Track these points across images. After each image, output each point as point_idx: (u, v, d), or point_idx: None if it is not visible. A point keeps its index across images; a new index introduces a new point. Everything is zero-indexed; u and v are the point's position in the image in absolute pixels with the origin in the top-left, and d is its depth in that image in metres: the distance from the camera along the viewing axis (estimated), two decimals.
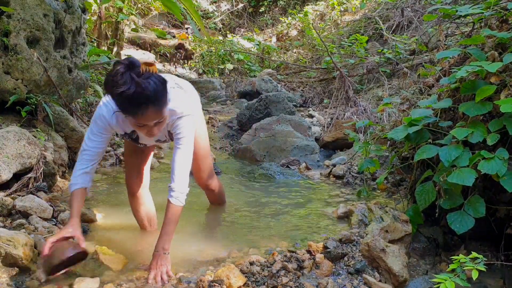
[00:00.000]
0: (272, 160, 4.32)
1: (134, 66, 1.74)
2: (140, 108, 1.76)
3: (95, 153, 2.02)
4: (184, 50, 9.41)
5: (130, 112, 1.79)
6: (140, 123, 1.84)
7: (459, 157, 2.17)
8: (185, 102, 2.06)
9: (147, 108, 1.77)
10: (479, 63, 2.31)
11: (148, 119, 1.81)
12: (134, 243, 2.33)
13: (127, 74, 1.71)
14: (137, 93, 1.72)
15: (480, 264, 1.73)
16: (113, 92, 1.74)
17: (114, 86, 1.71)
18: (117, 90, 1.71)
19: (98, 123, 1.99)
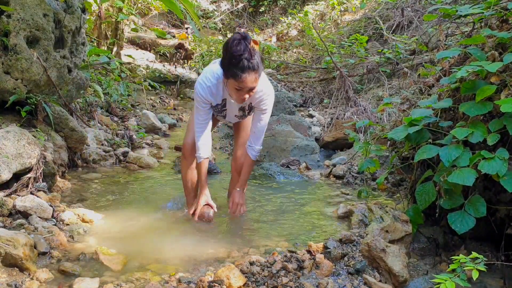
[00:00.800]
0: (272, 160, 4.32)
1: (247, 38, 2.20)
2: (245, 71, 2.18)
3: (206, 123, 2.53)
4: (184, 50, 9.41)
5: (235, 74, 2.20)
6: (239, 86, 2.24)
7: (459, 157, 2.17)
8: (270, 85, 2.53)
9: (250, 73, 2.20)
10: (479, 63, 2.31)
11: (247, 82, 2.22)
12: (134, 243, 2.33)
13: (243, 43, 2.16)
14: (246, 58, 2.16)
15: (481, 264, 1.72)
16: (228, 53, 2.17)
17: (230, 49, 2.16)
18: (231, 54, 2.15)
19: (198, 100, 2.44)
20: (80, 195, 3.02)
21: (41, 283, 1.85)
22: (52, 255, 2.08)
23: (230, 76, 2.24)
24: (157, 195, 3.18)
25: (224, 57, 2.25)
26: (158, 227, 2.58)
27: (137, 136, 4.74)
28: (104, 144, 4.22)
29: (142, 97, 6.75)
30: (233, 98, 2.41)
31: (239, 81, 2.22)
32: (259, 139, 2.65)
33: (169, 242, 2.37)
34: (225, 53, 2.23)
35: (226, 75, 2.28)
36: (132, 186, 3.37)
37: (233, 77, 2.23)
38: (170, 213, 2.85)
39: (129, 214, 2.76)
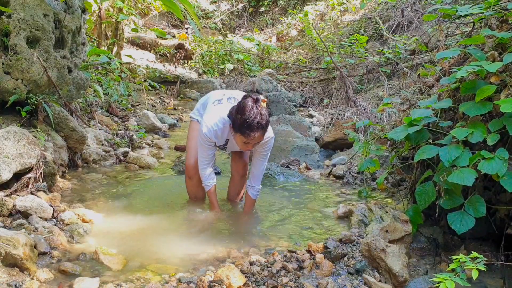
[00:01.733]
0: (272, 160, 4.32)
1: (258, 101, 2.42)
2: (253, 130, 2.40)
3: (211, 157, 2.74)
4: (184, 50, 9.41)
5: (245, 133, 2.41)
6: (246, 141, 2.46)
7: (459, 157, 2.17)
8: (271, 129, 2.67)
9: (258, 132, 2.42)
10: (479, 63, 2.31)
11: (255, 140, 2.46)
12: (134, 243, 2.33)
13: (255, 108, 2.39)
14: (257, 122, 2.39)
15: (480, 264, 1.72)
16: (240, 118, 2.38)
17: (243, 115, 2.38)
18: (245, 119, 2.37)
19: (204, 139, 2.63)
20: (80, 195, 3.02)
21: (41, 283, 1.85)
22: (52, 255, 2.08)
23: (240, 132, 2.45)
24: (157, 195, 3.18)
25: (236, 116, 2.43)
26: (159, 227, 2.58)
27: (137, 136, 4.74)
28: (104, 144, 4.22)
29: (142, 97, 6.75)
30: (238, 146, 2.62)
31: (248, 138, 2.45)
32: (259, 179, 2.82)
33: (169, 242, 2.37)
34: (238, 114, 2.42)
35: (235, 130, 2.48)
36: (132, 186, 3.37)
37: (242, 134, 2.44)
38: (170, 213, 2.85)
39: (129, 214, 2.76)
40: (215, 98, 2.79)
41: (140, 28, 9.18)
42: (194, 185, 2.94)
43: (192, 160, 2.85)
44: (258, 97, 2.47)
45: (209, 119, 2.65)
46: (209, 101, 2.81)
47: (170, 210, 2.89)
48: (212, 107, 2.72)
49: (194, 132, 2.88)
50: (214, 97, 2.81)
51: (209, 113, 2.70)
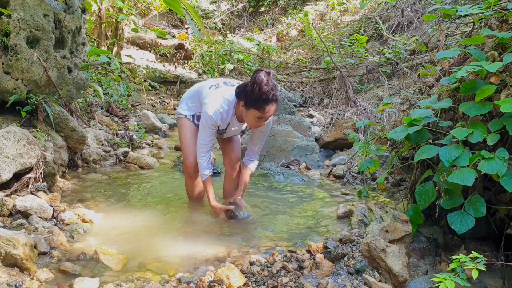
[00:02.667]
0: (272, 160, 4.32)
1: (271, 74, 2.46)
2: (269, 104, 2.44)
3: (211, 144, 2.69)
4: (184, 50, 9.40)
5: (260, 107, 2.45)
6: (261, 116, 2.49)
7: (459, 157, 2.17)
8: None
9: (273, 104, 2.46)
10: (479, 63, 2.31)
11: (269, 113, 2.50)
12: (134, 243, 2.33)
13: (270, 80, 2.42)
14: (273, 95, 2.43)
15: (480, 264, 1.72)
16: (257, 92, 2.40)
17: (260, 88, 2.40)
18: (262, 92, 2.40)
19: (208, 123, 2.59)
20: (80, 195, 3.02)
21: (41, 283, 1.85)
22: (52, 255, 2.08)
23: (255, 107, 2.48)
24: (157, 195, 3.18)
25: (250, 90, 2.45)
26: (158, 227, 2.58)
27: (137, 136, 4.74)
28: (104, 144, 4.22)
29: (142, 97, 6.75)
30: (249, 124, 2.64)
31: (262, 112, 2.48)
32: (259, 154, 2.92)
33: (169, 242, 2.37)
34: (252, 88, 2.44)
35: (249, 106, 2.50)
36: (132, 186, 3.37)
37: (257, 109, 2.47)
38: (170, 212, 2.85)
39: (129, 214, 2.76)
40: (210, 84, 2.74)
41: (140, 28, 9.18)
42: (194, 184, 2.94)
43: (191, 159, 2.82)
44: (270, 70, 2.49)
45: (213, 101, 2.60)
46: (203, 88, 2.74)
47: (170, 210, 2.89)
48: (212, 92, 2.67)
49: (185, 129, 2.85)
50: (208, 84, 2.76)
51: (210, 96, 2.64)
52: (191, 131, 2.84)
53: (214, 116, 2.58)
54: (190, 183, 2.95)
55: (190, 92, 2.91)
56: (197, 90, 2.83)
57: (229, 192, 3.05)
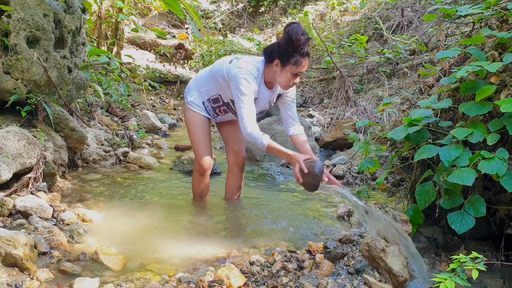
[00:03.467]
0: (272, 160, 4.32)
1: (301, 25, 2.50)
2: (304, 57, 2.47)
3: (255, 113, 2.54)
4: (184, 50, 9.41)
5: (298, 61, 2.46)
6: (298, 71, 2.50)
7: (459, 157, 2.17)
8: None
9: (308, 59, 2.49)
10: (479, 63, 2.31)
11: (305, 67, 2.51)
12: (134, 243, 2.33)
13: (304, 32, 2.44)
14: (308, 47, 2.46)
15: (480, 264, 1.72)
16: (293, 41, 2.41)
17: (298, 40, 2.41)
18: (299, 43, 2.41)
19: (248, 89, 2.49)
20: (80, 195, 3.02)
21: (41, 283, 1.85)
22: (52, 255, 2.08)
23: (293, 62, 2.47)
24: (157, 195, 3.18)
25: (284, 45, 2.46)
26: (159, 227, 2.58)
27: (137, 136, 4.74)
28: (104, 144, 4.22)
29: (142, 97, 6.75)
30: (283, 84, 2.57)
31: (299, 66, 2.48)
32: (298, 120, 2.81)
33: (169, 242, 2.38)
34: (288, 41, 2.44)
35: (286, 62, 2.48)
36: (132, 186, 3.37)
37: (295, 63, 2.47)
38: (170, 212, 2.85)
39: (129, 214, 2.76)
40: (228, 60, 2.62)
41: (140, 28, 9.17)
42: (203, 182, 2.88)
43: (204, 155, 2.73)
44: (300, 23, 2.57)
45: (245, 67, 2.51)
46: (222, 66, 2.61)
47: (170, 210, 2.89)
48: (237, 62, 2.55)
49: (196, 125, 2.74)
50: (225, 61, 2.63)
51: (237, 66, 2.52)
52: (203, 127, 2.75)
53: (252, 82, 2.50)
54: (199, 181, 2.87)
55: (200, 77, 2.78)
56: (211, 72, 2.71)
57: (232, 191, 3.00)
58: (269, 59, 2.55)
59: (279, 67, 2.51)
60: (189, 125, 2.80)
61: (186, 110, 2.82)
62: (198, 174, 2.85)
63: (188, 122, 2.81)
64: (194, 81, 2.83)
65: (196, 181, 2.90)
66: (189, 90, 2.80)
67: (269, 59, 2.55)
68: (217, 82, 2.65)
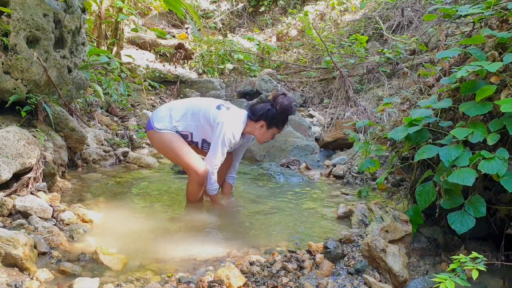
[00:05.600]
0: (272, 160, 4.32)
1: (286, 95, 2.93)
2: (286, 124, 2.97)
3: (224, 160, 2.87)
4: (184, 50, 9.39)
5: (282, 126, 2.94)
6: (279, 132, 2.98)
7: (459, 157, 2.17)
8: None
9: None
10: (479, 63, 2.31)
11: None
12: (134, 243, 2.32)
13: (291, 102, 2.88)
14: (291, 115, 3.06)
15: (480, 264, 1.72)
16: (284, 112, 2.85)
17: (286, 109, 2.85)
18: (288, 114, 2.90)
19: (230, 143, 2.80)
20: (80, 195, 3.02)
21: (41, 283, 1.85)
22: (52, 255, 2.08)
23: (278, 126, 2.91)
24: (157, 195, 3.18)
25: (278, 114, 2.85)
26: (158, 227, 2.58)
27: (137, 136, 4.74)
28: (104, 144, 4.22)
29: (142, 97, 6.75)
30: (262, 140, 2.96)
31: (280, 130, 2.97)
32: (236, 169, 3.22)
33: (169, 242, 2.37)
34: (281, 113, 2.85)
35: (271, 126, 2.89)
36: (132, 186, 3.37)
37: (279, 128, 2.93)
38: (170, 212, 2.85)
39: (129, 214, 2.76)
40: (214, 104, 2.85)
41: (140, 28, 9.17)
42: (201, 191, 2.93)
43: (203, 167, 2.81)
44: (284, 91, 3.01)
45: (233, 122, 2.80)
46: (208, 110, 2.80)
47: (170, 210, 2.89)
48: (227, 112, 2.82)
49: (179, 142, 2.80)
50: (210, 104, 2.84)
51: (227, 117, 2.78)
52: (183, 141, 2.83)
53: (237, 137, 2.81)
54: (199, 190, 2.92)
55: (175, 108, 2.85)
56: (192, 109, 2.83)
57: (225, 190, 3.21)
58: (255, 118, 2.88)
59: (264, 128, 2.90)
60: (167, 146, 2.81)
61: (157, 136, 2.81)
62: (199, 185, 2.87)
63: (164, 144, 2.82)
64: (168, 110, 2.84)
65: (197, 192, 2.92)
66: (158, 119, 2.82)
67: (255, 118, 2.88)
68: (196, 121, 2.81)
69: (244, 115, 2.91)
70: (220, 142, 2.75)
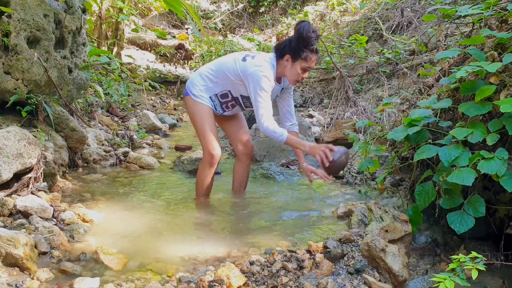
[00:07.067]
0: (272, 160, 4.32)
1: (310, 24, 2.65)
2: (313, 53, 2.63)
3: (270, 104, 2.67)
4: (184, 50, 9.41)
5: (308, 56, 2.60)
6: (307, 66, 2.64)
7: (458, 157, 2.17)
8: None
9: (316, 54, 2.65)
10: (478, 63, 2.32)
11: (313, 62, 2.66)
12: (134, 243, 2.33)
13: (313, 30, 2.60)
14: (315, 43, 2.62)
15: (480, 264, 1.73)
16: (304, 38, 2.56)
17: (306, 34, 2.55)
18: (310, 40, 2.57)
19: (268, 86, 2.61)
20: (80, 195, 3.03)
21: (41, 283, 1.85)
22: (53, 255, 2.09)
23: (303, 57, 2.61)
24: (157, 195, 3.19)
25: (295, 41, 2.60)
26: (159, 227, 2.58)
27: (138, 136, 4.74)
28: (105, 144, 4.22)
29: (143, 97, 6.76)
30: (293, 78, 2.69)
31: (309, 61, 2.63)
32: (294, 115, 3.00)
33: (169, 242, 2.38)
34: (299, 38, 2.58)
35: (296, 57, 2.61)
36: (133, 186, 3.38)
37: (305, 59, 2.61)
38: (171, 212, 2.85)
39: (130, 214, 2.77)
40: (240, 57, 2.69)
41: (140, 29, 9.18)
42: (211, 175, 2.86)
43: (216, 144, 2.74)
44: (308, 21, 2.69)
45: (263, 65, 2.61)
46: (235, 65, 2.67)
47: (170, 210, 2.90)
48: (252, 60, 2.64)
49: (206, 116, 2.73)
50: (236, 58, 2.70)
51: (254, 65, 2.61)
52: (212, 119, 2.75)
53: (270, 78, 2.61)
54: (208, 172, 2.82)
55: (206, 72, 2.77)
56: (220, 68, 2.72)
57: (240, 182, 3.06)
58: (280, 55, 2.66)
59: (290, 62, 2.65)
60: (197, 116, 2.77)
61: (192, 103, 2.77)
62: (208, 166, 2.81)
63: (194, 113, 2.78)
64: (199, 76, 2.80)
65: (204, 175, 2.85)
66: (193, 84, 2.78)
67: (280, 55, 2.66)
68: (227, 79, 2.70)
69: (272, 58, 2.70)
70: (258, 91, 2.59)
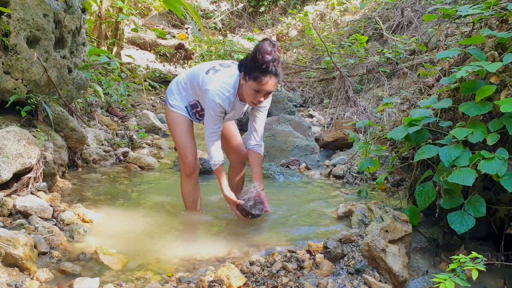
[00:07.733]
0: (272, 160, 4.32)
1: (275, 46, 2.36)
2: (267, 76, 2.32)
3: (220, 130, 2.58)
4: (184, 50, 9.40)
5: (258, 78, 2.32)
6: (257, 88, 2.36)
7: (459, 157, 2.17)
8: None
9: (271, 79, 2.34)
10: (479, 63, 2.31)
11: (268, 86, 2.36)
12: (134, 243, 2.33)
13: (273, 50, 2.32)
14: (273, 66, 2.31)
15: (480, 264, 1.72)
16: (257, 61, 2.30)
17: (261, 57, 2.29)
18: (262, 61, 2.29)
19: (216, 110, 2.47)
20: (80, 195, 3.02)
21: (41, 283, 1.85)
22: (52, 255, 2.09)
23: (252, 78, 2.35)
24: (157, 195, 3.18)
25: (250, 59, 2.36)
26: (158, 227, 2.58)
27: (137, 136, 4.74)
28: (104, 144, 4.22)
29: (142, 97, 6.75)
30: (247, 100, 2.47)
31: (259, 84, 2.34)
32: (262, 135, 2.74)
33: (169, 242, 2.38)
34: (253, 56, 2.34)
35: (247, 77, 2.38)
36: (132, 186, 3.37)
37: (254, 79, 2.34)
38: (171, 212, 2.85)
39: (129, 214, 2.76)
40: (206, 68, 2.57)
41: (140, 28, 9.18)
42: (192, 185, 2.74)
43: (190, 157, 2.66)
44: (276, 42, 2.38)
45: (217, 87, 2.45)
46: (199, 74, 2.57)
47: (170, 210, 2.89)
48: (212, 77, 2.50)
49: (179, 125, 2.67)
50: (203, 69, 2.59)
51: (212, 82, 2.47)
52: (186, 126, 2.69)
53: (222, 102, 2.45)
54: (188, 183, 2.73)
55: (180, 80, 2.72)
56: (190, 77, 2.65)
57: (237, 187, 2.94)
58: (239, 71, 2.48)
59: (243, 81, 2.43)
60: (172, 126, 2.73)
61: (168, 113, 2.74)
62: (184, 176, 2.72)
63: (170, 123, 2.74)
64: (176, 85, 2.75)
65: (185, 186, 2.75)
66: (170, 93, 2.75)
67: (239, 71, 2.48)
68: (195, 89, 2.62)
69: (236, 75, 2.50)
70: (211, 112, 2.48)
